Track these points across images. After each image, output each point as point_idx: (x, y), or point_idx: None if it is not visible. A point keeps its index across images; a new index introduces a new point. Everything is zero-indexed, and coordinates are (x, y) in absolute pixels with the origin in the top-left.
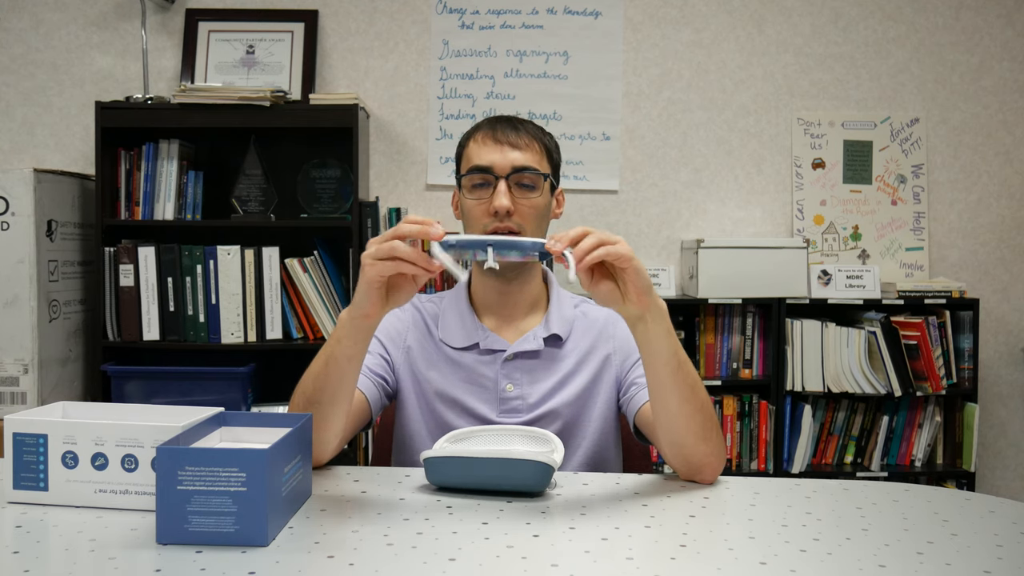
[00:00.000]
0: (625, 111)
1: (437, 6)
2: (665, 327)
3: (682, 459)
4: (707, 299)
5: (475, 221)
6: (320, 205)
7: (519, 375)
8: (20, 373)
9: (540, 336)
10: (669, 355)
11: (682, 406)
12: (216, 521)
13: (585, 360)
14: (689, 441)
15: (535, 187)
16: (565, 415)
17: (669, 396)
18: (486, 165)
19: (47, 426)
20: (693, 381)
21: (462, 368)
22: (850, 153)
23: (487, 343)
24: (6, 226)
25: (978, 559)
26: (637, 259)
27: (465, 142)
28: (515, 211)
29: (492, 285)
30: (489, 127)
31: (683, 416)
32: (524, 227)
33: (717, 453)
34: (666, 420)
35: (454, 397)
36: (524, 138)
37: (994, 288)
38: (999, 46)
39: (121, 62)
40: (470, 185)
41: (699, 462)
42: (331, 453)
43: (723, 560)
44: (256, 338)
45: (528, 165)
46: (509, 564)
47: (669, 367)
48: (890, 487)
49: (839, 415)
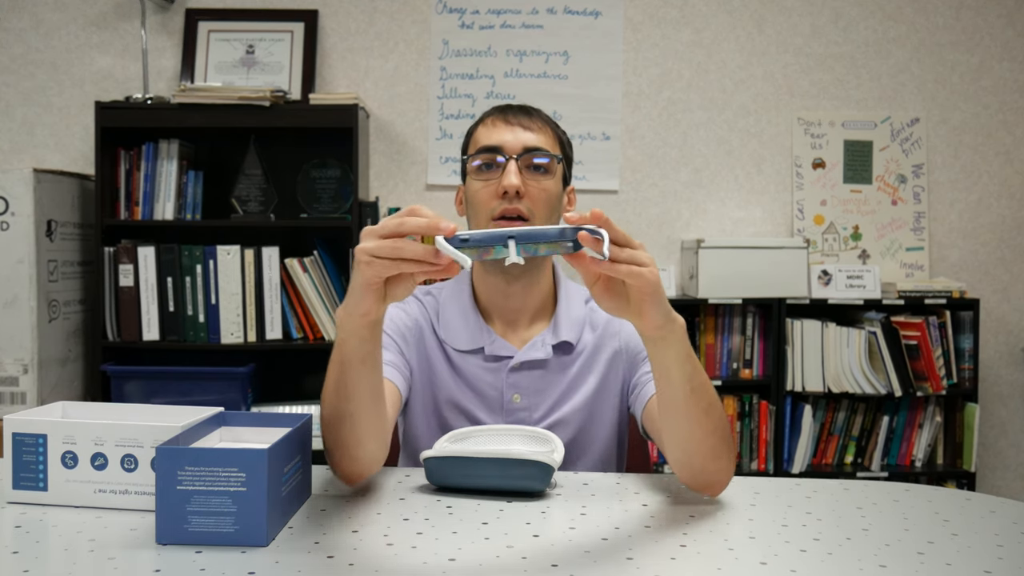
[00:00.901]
0: (625, 111)
1: (437, 6)
2: (682, 351)
3: (689, 475)
4: (707, 299)
5: (481, 205)
6: (320, 205)
7: (526, 384)
8: (20, 373)
9: (549, 343)
10: (683, 380)
11: (694, 430)
12: (216, 521)
13: (593, 360)
14: (698, 461)
15: (548, 171)
16: (574, 423)
17: (681, 419)
18: (495, 144)
19: (47, 426)
20: (708, 404)
21: (464, 373)
22: (850, 153)
23: (493, 348)
24: (6, 226)
25: (979, 559)
26: (661, 286)
27: (473, 128)
28: (525, 193)
29: (495, 285)
30: (499, 111)
31: (694, 439)
32: (534, 212)
33: (727, 470)
34: (676, 439)
35: (460, 404)
36: (536, 122)
37: (994, 288)
38: (999, 46)
39: (121, 62)
40: (477, 168)
41: (707, 480)
42: (379, 462)
43: (723, 560)
44: (256, 338)
45: (540, 147)
46: (509, 564)
47: (682, 391)
48: (890, 487)
49: (839, 415)
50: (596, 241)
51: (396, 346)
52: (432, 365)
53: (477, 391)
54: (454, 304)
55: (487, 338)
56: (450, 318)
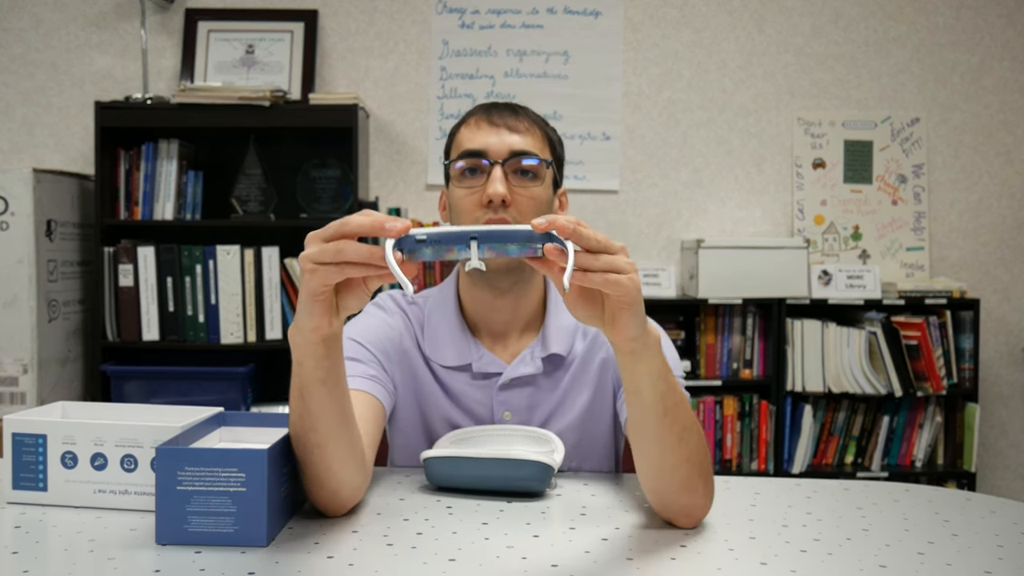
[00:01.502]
0: (625, 111)
1: (437, 6)
2: (655, 366)
3: (659, 505)
4: (707, 299)
5: (464, 214)
6: (320, 205)
7: (516, 402)
8: (19, 373)
9: (538, 356)
10: (655, 400)
11: (665, 456)
12: (216, 521)
13: (583, 371)
14: (670, 491)
15: (536, 176)
16: (569, 440)
17: (652, 444)
18: (479, 148)
19: (46, 426)
20: (682, 428)
21: (451, 390)
22: (850, 153)
23: (481, 365)
24: (5, 226)
25: (979, 559)
26: (640, 295)
27: (456, 129)
28: (511, 202)
29: (482, 299)
30: (484, 111)
31: (666, 467)
32: (521, 222)
33: (702, 505)
34: (645, 465)
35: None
36: (524, 122)
37: (995, 288)
38: (1000, 46)
39: (121, 62)
40: (460, 173)
41: (677, 512)
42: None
43: (723, 560)
44: (255, 338)
45: (528, 150)
46: (509, 564)
47: (654, 412)
48: (891, 487)
49: (839, 415)
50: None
51: (376, 360)
52: (419, 381)
53: (466, 409)
54: (439, 315)
55: (475, 353)
56: (436, 331)
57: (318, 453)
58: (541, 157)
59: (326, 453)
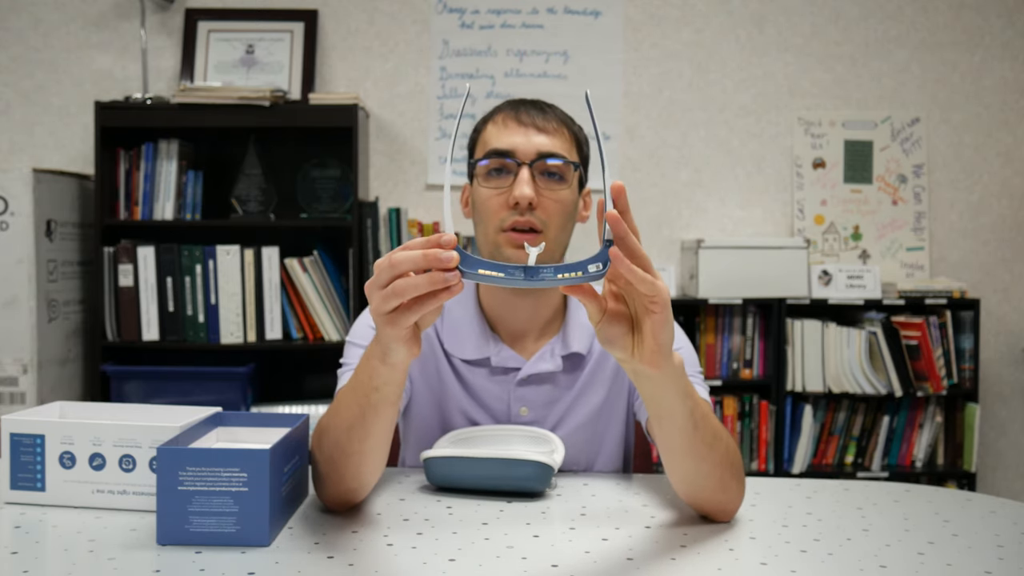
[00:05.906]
0: (625, 111)
1: (437, 6)
2: (680, 388)
3: (695, 504)
4: (707, 299)
5: (490, 215)
6: (320, 205)
7: (533, 398)
8: (19, 373)
9: (558, 354)
10: (684, 418)
11: (699, 467)
12: (217, 521)
13: (600, 368)
14: (705, 494)
15: (563, 178)
16: (582, 437)
17: (684, 458)
18: (507, 149)
19: (44, 426)
20: (712, 436)
21: (469, 384)
22: (851, 153)
23: (500, 359)
24: (5, 226)
25: (979, 559)
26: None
27: (482, 125)
28: (538, 204)
29: (502, 299)
30: (511, 108)
31: (701, 475)
32: (548, 224)
33: (735, 499)
34: (680, 476)
35: (468, 414)
36: (552, 122)
37: (995, 288)
38: (1000, 46)
39: (120, 62)
40: (486, 172)
41: (713, 509)
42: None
43: (723, 560)
44: (256, 338)
45: (555, 152)
46: (509, 564)
47: (684, 431)
48: (891, 487)
49: (840, 415)
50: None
51: None
52: (438, 374)
53: (482, 403)
54: (460, 311)
55: (493, 348)
56: (456, 326)
57: (356, 459)
58: (568, 159)
59: (364, 460)
